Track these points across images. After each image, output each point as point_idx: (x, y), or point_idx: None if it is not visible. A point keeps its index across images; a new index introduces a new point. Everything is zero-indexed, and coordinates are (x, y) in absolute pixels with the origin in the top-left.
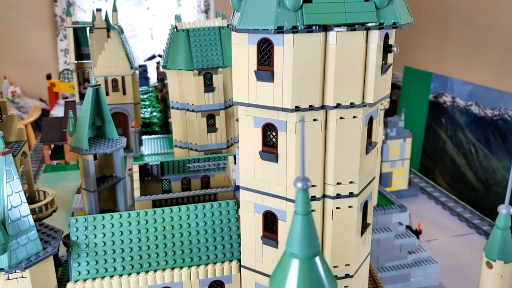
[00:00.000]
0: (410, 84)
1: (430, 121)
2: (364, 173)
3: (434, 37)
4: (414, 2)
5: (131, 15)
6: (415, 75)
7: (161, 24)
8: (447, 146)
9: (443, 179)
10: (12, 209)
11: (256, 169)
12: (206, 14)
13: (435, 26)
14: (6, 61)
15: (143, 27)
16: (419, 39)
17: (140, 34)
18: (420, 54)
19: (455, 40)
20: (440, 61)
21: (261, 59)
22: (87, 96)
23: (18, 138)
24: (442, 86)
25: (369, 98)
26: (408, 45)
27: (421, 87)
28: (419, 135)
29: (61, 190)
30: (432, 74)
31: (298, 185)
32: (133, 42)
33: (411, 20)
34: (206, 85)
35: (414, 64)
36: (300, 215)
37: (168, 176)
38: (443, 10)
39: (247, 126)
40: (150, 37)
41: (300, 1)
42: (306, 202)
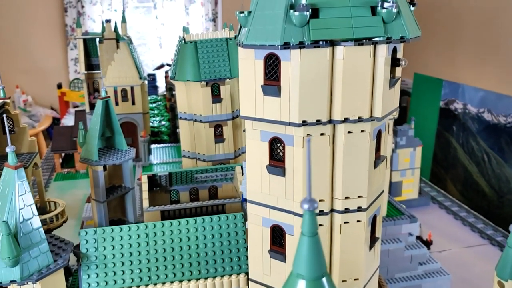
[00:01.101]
0: (420, 91)
1: (441, 129)
2: (372, 187)
3: (445, 43)
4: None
5: (140, 23)
6: (426, 82)
7: (170, 33)
8: (458, 154)
9: (454, 187)
10: (24, 222)
11: (263, 182)
12: (214, 23)
13: (446, 32)
14: (18, 70)
15: (152, 35)
16: (429, 46)
17: (149, 43)
18: (430, 60)
19: (466, 46)
20: (450, 68)
21: (267, 74)
22: (97, 108)
23: (29, 149)
24: (453, 93)
25: (377, 112)
26: (418, 52)
27: (431, 94)
28: (429, 143)
29: (71, 199)
30: (442, 80)
31: (305, 206)
32: (142, 50)
33: (419, 34)
34: (213, 95)
35: (424, 70)
36: (307, 237)
37: (176, 186)
38: (453, 15)
39: (254, 140)
40: (159, 46)
41: (306, 16)
42: (313, 224)
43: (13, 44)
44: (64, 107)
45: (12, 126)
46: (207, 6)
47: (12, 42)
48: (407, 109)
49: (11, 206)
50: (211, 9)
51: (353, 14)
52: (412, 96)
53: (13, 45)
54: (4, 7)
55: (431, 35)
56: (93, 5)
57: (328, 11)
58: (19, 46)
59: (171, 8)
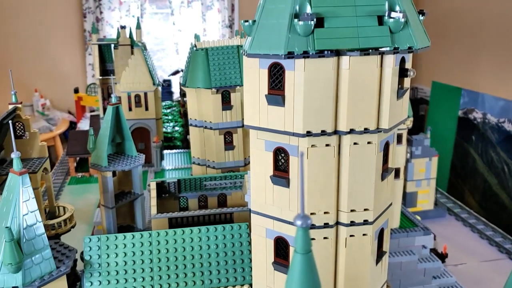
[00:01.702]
0: (439, 100)
1: (459, 138)
2: (379, 200)
3: (464, 51)
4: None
5: (158, 29)
6: (444, 90)
7: (186, 39)
8: (477, 164)
9: (473, 198)
10: (28, 228)
11: (267, 193)
12: (231, 29)
13: (466, 40)
14: (37, 74)
15: (169, 41)
16: (447, 53)
17: (167, 48)
18: (449, 68)
19: (486, 54)
20: (470, 76)
21: (272, 83)
22: (107, 114)
23: (40, 154)
24: (472, 102)
25: (384, 124)
26: (437, 60)
27: (450, 103)
28: (447, 152)
29: (84, 203)
30: (461, 89)
31: (298, 223)
32: (160, 56)
33: (429, 44)
34: (224, 103)
35: (442, 79)
36: (300, 254)
37: (185, 193)
38: (473, 23)
39: (259, 149)
40: (176, 52)
41: (311, 26)
42: (307, 241)
43: (33, 49)
44: (81, 111)
45: (23, 131)
46: (224, 13)
47: (32, 46)
48: (424, 117)
49: (15, 212)
50: (228, 15)
51: (359, 24)
52: (430, 104)
53: (33, 49)
54: (25, 13)
55: (450, 43)
56: (112, 11)
57: (333, 20)
58: (38, 50)
59: (188, 14)
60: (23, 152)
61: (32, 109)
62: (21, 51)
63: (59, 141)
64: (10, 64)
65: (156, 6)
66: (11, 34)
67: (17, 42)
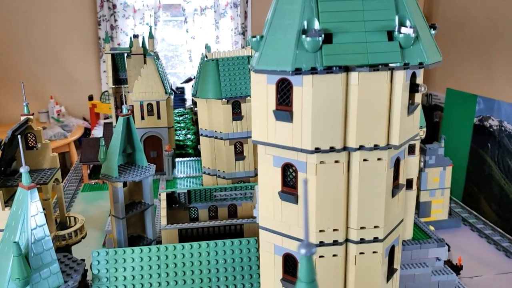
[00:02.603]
0: (453, 107)
1: (475, 146)
2: (390, 217)
3: (479, 58)
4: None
5: (172, 36)
6: (459, 97)
7: (200, 46)
8: (493, 172)
9: (489, 207)
10: (36, 242)
11: (275, 209)
12: (243, 36)
13: (480, 47)
14: (53, 81)
15: (183, 47)
16: (462, 60)
17: (181, 55)
18: (464, 75)
19: (502, 61)
20: (485, 83)
21: (280, 99)
22: (118, 125)
23: (51, 165)
24: (488, 109)
25: (394, 140)
26: (451, 66)
27: (465, 110)
28: (463, 160)
29: (97, 210)
30: (476, 96)
31: (302, 251)
32: (175, 62)
33: (440, 59)
34: (234, 113)
35: (457, 86)
36: (304, 283)
37: (195, 204)
38: (488, 30)
39: (267, 165)
40: (189, 59)
41: (319, 42)
42: (311, 270)
43: (49, 56)
44: (95, 118)
45: (35, 142)
46: (237, 20)
47: (47, 54)
48: (439, 124)
49: (23, 226)
50: (241, 23)
51: (368, 39)
52: (444, 111)
53: (49, 57)
54: (41, 21)
55: (465, 50)
56: (126, 19)
57: (342, 36)
58: (54, 58)
59: (201, 22)
60: (35, 163)
61: (48, 115)
62: (37, 58)
63: (74, 147)
64: (27, 71)
65: (170, 14)
66: (27, 42)
67: (33, 50)
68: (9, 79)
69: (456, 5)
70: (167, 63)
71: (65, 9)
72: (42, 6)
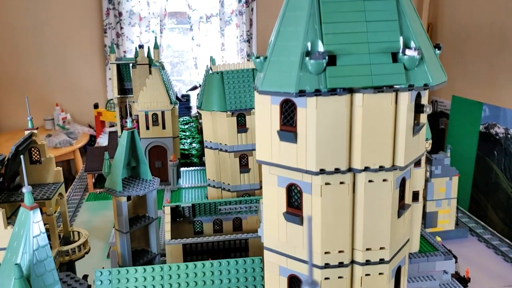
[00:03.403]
0: (459, 114)
1: (481, 153)
2: (396, 237)
3: (485, 65)
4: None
5: (177, 43)
6: (464, 105)
7: (205, 53)
8: (500, 180)
9: (496, 215)
10: (38, 263)
11: (280, 230)
12: (249, 44)
13: (486, 54)
14: (58, 88)
15: (189, 54)
16: (468, 68)
17: (186, 61)
18: (469, 83)
19: (508, 68)
20: (491, 90)
21: (284, 119)
22: (123, 139)
23: (55, 179)
24: (493, 116)
25: (399, 161)
26: (457, 74)
27: (470, 118)
28: (469, 168)
29: (101, 220)
30: (482, 104)
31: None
32: (181, 68)
33: (445, 79)
34: (239, 125)
35: (463, 93)
36: None
37: (200, 217)
38: (494, 37)
39: (271, 184)
40: (194, 66)
41: (323, 64)
42: None
43: (55, 64)
44: (100, 126)
45: (39, 156)
46: (242, 28)
47: (53, 61)
48: (444, 131)
49: (25, 247)
50: (246, 30)
51: (373, 61)
52: (450, 119)
53: (55, 64)
54: (47, 28)
55: (471, 57)
56: (132, 27)
57: (345, 58)
58: (60, 65)
59: (206, 29)
60: (39, 177)
61: (53, 123)
62: (43, 66)
63: (79, 155)
64: (33, 78)
65: (176, 20)
66: (34, 49)
67: (39, 57)
68: (15, 86)
69: (461, 12)
70: (173, 69)
71: (71, 17)
72: (48, 13)
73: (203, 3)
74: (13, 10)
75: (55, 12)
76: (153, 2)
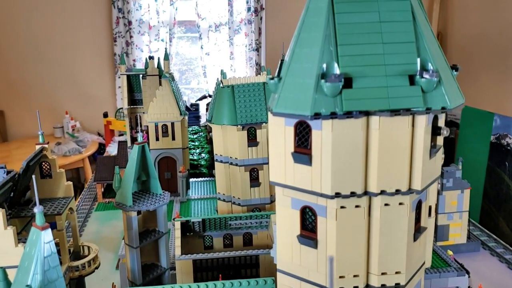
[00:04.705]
0: (469, 125)
1: (492, 164)
2: (412, 261)
3: (495, 75)
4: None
5: (187, 50)
6: (475, 115)
7: (214, 62)
8: (511, 191)
9: (507, 226)
10: (49, 284)
11: (294, 253)
12: (257, 52)
13: (496, 63)
14: (68, 97)
15: (198, 62)
16: (478, 78)
17: (195, 68)
18: (480, 93)
19: None
20: (502, 101)
21: (298, 141)
22: (133, 153)
23: (65, 194)
24: (505, 127)
25: (416, 185)
26: (467, 84)
27: (481, 128)
28: (480, 179)
29: (111, 230)
30: (493, 114)
31: None
32: (189, 76)
33: (463, 101)
34: (249, 139)
35: (473, 103)
36: None
37: (210, 232)
38: (504, 46)
39: (285, 206)
40: (203, 75)
41: (339, 87)
42: None
43: (65, 71)
44: (109, 135)
45: (50, 170)
46: (251, 37)
47: (63, 69)
48: (455, 141)
49: (36, 268)
50: (255, 39)
51: (389, 84)
52: (460, 129)
53: (65, 72)
54: (57, 37)
55: (481, 67)
56: (141, 35)
57: (362, 80)
58: (69, 73)
59: (215, 38)
60: (49, 192)
61: (63, 130)
62: (53, 74)
63: (88, 163)
64: (43, 86)
65: (185, 28)
66: (43, 58)
67: (49, 65)
68: (25, 95)
69: (470, 21)
70: (181, 76)
71: (82, 26)
72: (59, 22)
73: (212, 12)
74: (24, 18)
75: (66, 21)
76: (162, 11)
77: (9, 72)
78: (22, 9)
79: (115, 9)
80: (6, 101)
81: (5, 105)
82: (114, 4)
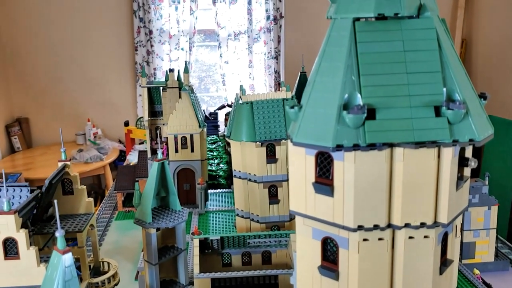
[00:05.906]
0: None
1: None
2: None
3: None
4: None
5: (206, 57)
6: (501, 125)
7: (233, 70)
8: None
9: None
10: None
11: (314, 283)
12: (276, 60)
13: None
14: (90, 104)
15: (217, 69)
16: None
17: (214, 75)
18: (505, 101)
19: None
20: None
21: (319, 171)
22: (153, 170)
23: (86, 210)
24: None
25: (442, 218)
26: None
27: (507, 138)
28: (507, 191)
29: (130, 240)
30: None
31: None
32: (208, 82)
33: (492, 131)
34: (268, 156)
35: (499, 112)
36: None
37: (228, 249)
38: None
39: (305, 236)
40: (222, 83)
41: (362, 118)
42: None
43: (87, 80)
44: (130, 143)
45: (71, 187)
46: (270, 45)
47: (86, 78)
48: (481, 151)
49: None
50: (274, 47)
51: (414, 115)
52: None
53: (87, 80)
54: (80, 46)
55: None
56: (162, 44)
57: (386, 111)
58: (92, 81)
59: (234, 46)
60: (70, 208)
61: (85, 138)
62: (76, 82)
63: (109, 170)
64: (66, 94)
65: (204, 35)
66: (67, 67)
67: (72, 74)
68: (49, 102)
69: (496, 28)
70: (200, 83)
71: (104, 35)
72: (82, 32)
73: (232, 21)
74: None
75: (89, 31)
76: (182, 21)
77: (35, 81)
78: (48, 21)
79: (137, 18)
80: (31, 109)
81: (30, 113)
82: (136, 13)
